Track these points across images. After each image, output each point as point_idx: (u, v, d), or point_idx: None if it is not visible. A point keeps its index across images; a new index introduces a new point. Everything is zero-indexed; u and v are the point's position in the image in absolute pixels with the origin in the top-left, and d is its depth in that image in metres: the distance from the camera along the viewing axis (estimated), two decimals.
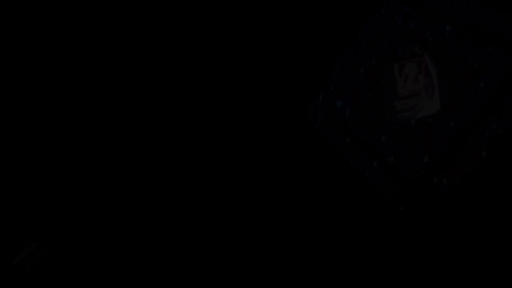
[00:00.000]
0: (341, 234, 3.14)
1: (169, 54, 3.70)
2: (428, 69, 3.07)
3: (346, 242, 3.09)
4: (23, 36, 3.26)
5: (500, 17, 2.63)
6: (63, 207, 3.15)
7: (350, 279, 2.79)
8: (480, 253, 2.40)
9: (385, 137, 3.29)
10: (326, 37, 3.72)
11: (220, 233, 3.28)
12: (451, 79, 2.89)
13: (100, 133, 3.46)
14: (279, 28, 3.84)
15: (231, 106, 3.89)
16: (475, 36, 2.76)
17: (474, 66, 2.76)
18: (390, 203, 3.12)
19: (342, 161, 3.54)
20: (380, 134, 3.33)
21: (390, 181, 3.20)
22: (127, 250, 3.12)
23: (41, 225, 2.88)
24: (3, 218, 2.81)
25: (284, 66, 3.88)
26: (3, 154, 3.08)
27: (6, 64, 3.19)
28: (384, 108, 3.33)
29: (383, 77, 3.40)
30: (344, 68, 3.74)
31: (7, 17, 3.16)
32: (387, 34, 3.41)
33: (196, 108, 3.63)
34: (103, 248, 3.07)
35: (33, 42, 3.32)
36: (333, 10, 3.56)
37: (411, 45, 3.19)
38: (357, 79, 3.61)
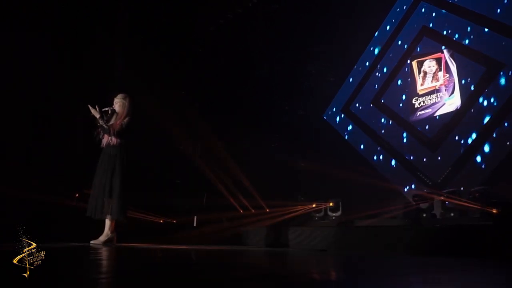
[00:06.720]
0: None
1: None
2: (448, 65, 3.01)
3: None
4: None
5: None
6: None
7: None
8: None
9: (404, 136, 3.21)
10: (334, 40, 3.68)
11: None
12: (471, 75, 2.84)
13: None
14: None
15: None
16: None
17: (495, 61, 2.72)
18: (407, 202, 3.01)
19: (359, 157, 3.44)
20: (399, 132, 3.25)
21: (407, 178, 3.10)
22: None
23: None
24: (3, 218, 2.65)
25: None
26: None
27: None
28: (403, 107, 3.26)
29: (401, 75, 3.34)
30: (360, 68, 3.69)
31: None
32: (405, 31, 3.38)
33: None
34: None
35: None
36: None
37: (429, 42, 3.15)
38: (374, 78, 3.55)
